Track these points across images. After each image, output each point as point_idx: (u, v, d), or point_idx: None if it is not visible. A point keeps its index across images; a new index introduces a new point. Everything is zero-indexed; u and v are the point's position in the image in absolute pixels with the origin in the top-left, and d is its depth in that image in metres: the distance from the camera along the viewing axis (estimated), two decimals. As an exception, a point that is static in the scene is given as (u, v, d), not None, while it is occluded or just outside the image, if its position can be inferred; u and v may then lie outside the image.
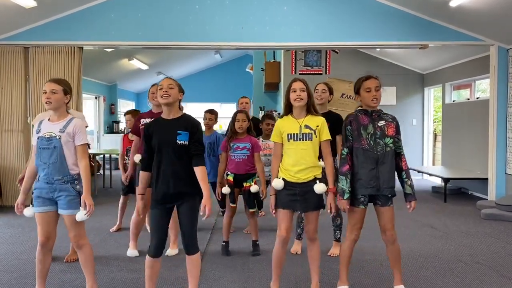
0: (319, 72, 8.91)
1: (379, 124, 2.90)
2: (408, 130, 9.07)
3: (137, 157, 3.79)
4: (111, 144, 10.60)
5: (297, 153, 2.85)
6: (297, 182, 2.85)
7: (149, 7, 6.10)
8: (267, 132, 4.66)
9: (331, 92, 3.94)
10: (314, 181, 2.86)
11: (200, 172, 2.69)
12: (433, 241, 4.53)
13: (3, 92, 6.19)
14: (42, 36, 6.09)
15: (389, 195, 2.89)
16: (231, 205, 4.02)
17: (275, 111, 10.18)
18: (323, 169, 2.97)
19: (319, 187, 2.84)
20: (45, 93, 2.80)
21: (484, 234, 4.80)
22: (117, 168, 10.71)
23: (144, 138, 2.79)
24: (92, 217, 5.40)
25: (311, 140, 2.86)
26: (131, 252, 4.00)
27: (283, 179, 2.87)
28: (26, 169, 2.92)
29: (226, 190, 3.91)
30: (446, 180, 6.87)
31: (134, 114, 4.95)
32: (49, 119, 2.85)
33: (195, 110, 14.76)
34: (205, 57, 13.56)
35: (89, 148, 10.42)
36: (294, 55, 9.00)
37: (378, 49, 8.64)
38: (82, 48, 6.23)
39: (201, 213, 2.70)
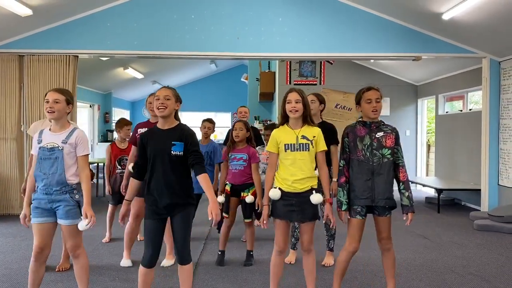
0: (314, 83, 8.97)
1: (376, 136, 2.90)
2: (402, 141, 9.11)
3: (132, 167, 3.77)
4: (105, 152, 10.56)
5: (294, 164, 2.85)
6: (294, 192, 2.84)
7: (145, 16, 6.13)
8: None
9: (321, 102, 3.91)
10: (310, 191, 2.86)
11: (203, 180, 2.64)
12: (426, 251, 4.54)
13: (-3, 100, 6.18)
14: (37, 44, 6.09)
15: (386, 206, 2.89)
16: (224, 215, 3.99)
17: (270, 120, 10.21)
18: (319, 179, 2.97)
19: (315, 198, 2.83)
20: (48, 102, 2.76)
21: (477, 245, 4.82)
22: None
23: (139, 147, 2.78)
24: (85, 226, 5.34)
25: (308, 150, 2.86)
26: (125, 262, 3.97)
27: (279, 189, 2.87)
28: (27, 180, 2.88)
29: (220, 199, 3.92)
30: (439, 191, 6.90)
31: (123, 123, 4.92)
32: (50, 129, 2.83)
33: (191, 119, 14.77)
34: (200, 66, 13.61)
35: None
36: (289, 66, 9.06)
37: (372, 61, 8.72)
38: (77, 56, 6.24)
39: (209, 218, 2.61)
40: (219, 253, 4.09)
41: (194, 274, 3.75)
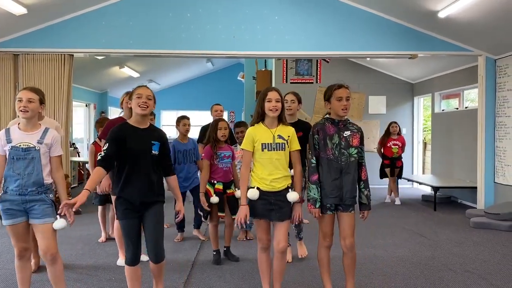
0: (310, 81, 8.96)
1: (344, 135, 2.93)
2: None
3: None
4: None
5: (271, 163, 2.86)
6: (271, 191, 2.86)
7: (141, 15, 6.11)
8: (242, 139, 4.63)
9: (299, 101, 3.94)
10: (287, 189, 2.89)
11: (173, 181, 2.89)
12: (422, 249, 4.55)
13: (-9, 99, 6.14)
14: (32, 43, 6.06)
15: (351, 204, 2.94)
16: (220, 214, 3.98)
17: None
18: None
19: (292, 196, 2.86)
20: (21, 101, 2.70)
21: (473, 243, 4.83)
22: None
23: (113, 139, 2.64)
24: (80, 226, 5.35)
25: (284, 150, 2.88)
26: (121, 261, 3.95)
27: (257, 188, 2.87)
28: None
29: (215, 199, 3.89)
30: (436, 189, 6.92)
31: (104, 122, 4.82)
32: (19, 128, 2.74)
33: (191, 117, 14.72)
34: (196, 65, 13.58)
35: (79, 156, 10.30)
36: (285, 64, 9.04)
37: (368, 59, 8.72)
38: (73, 55, 6.20)
39: (176, 220, 2.92)
40: (214, 253, 4.08)
41: (191, 273, 3.75)
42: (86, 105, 11.64)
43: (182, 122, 4.75)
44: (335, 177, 2.89)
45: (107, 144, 2.64)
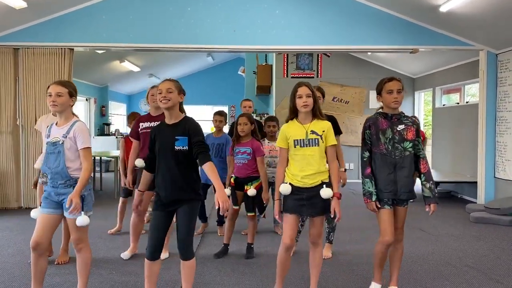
0: (311, 76, 8.94)
1: (398, 129, 2.91)
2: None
3: (138, 162, 3.68)
4: (102, 146, 10.54)
5: (304, 159, 2.81)
6: (304, 187, 2.81)
7: (141, 9, 6.09)
8: (271, 134, 4.67)
9: (323, 96, 3.93)
10: (321, 185, 2.81)
11: (209, 169, 2.59)
12: (423, 244, 4.55)
13: (-8, 94, 6.13)
14: (32, 37, 6.05)
15: (406, 199, 2.93)
16: (233, 207, 4.03)
17: (267, 114, 10.19)
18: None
19: (325, 192, 2.78)
20: (50, 96, 2.74)
21: (473, 237, 4.84)
22: (107, 171, 10.67)
23: (150, 141, 2.82)
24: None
25: (318, 145, 2.81)
26: (125, 254, 3.97)
27: (290, 184, 2.83)
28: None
29: (227, 192, 3.92)
30: (436, 184, 6.92)
31: (133, 116, 4.92)
32: (56, 123, 2.84)
33: (187, 112, 14.71)
34: (197, 59, 13.55)
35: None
36: (286, 58, 9.03)
37: (369, 53, 8.70)
38: (73, 49, 6.19)
39: (216, 207, 2.56)
40: (223, 245, 4.13)
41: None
42: (87, 100, 11.64)
43: (214, 118, 4.78)
44: (389, 171, 2.87)
45: (149, 146, 2.84)
